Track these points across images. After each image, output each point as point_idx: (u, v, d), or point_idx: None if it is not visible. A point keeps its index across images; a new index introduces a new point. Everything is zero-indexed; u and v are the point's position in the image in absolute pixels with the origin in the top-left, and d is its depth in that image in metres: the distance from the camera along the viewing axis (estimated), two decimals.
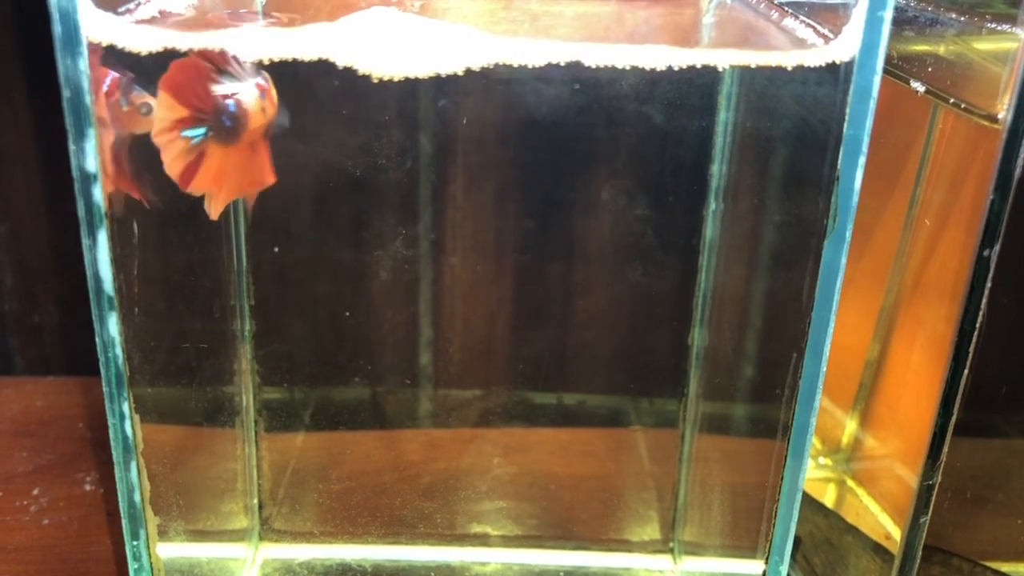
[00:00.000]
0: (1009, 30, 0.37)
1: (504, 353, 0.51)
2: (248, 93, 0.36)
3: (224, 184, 0.39)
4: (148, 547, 0.41)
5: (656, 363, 0.51)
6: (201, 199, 0.42)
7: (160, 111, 0.36)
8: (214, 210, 0.39)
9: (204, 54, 0.35)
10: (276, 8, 0.43)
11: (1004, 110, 0.37)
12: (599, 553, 0.52)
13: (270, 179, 0.39)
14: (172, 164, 0.37)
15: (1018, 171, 0.37)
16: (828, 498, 0.55)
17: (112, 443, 0.39)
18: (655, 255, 0.47)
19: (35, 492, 0.58)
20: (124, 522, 0.41)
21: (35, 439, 0.64)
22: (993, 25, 0.40)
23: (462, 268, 0.49)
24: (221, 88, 0.36)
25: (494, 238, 0.49)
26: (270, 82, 0.37)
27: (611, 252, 0.49)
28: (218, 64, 0.36)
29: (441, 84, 0.40)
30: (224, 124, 0.37)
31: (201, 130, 0.37)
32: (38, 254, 0.71)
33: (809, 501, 0.53)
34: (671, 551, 0.52)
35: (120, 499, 0.40)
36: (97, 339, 0.37)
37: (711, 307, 0.48)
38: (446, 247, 0.48)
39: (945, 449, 0.42)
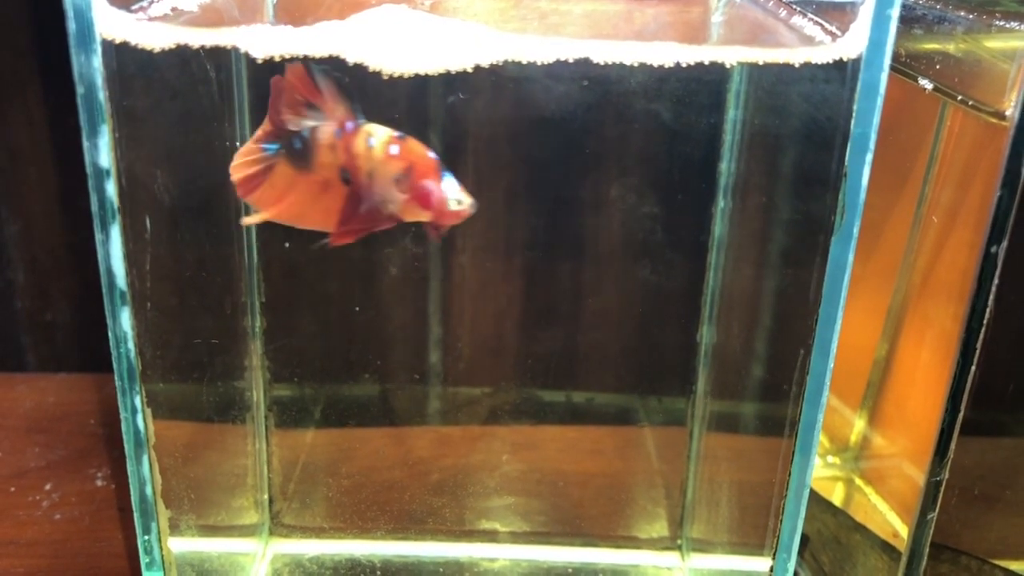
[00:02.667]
0: (1018, 27, 0.37)
1: (513, 350, 0.51)
2: (326, 128, 0.36)
3: (282, 206, 0.38)
4: (160, 541, 0.42)
5: (665, 360, 0.51)
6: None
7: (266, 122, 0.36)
8: (251, 220, 0.39)
9: (303, 79, 0.35)
10: (287, 6, 0.43)
11: (1012, 107, 0.37)
12: (607, 550, 0.52)
13: (330, 227, 0.38)
14: (237, 167, 0.37)
15: None
16: (836, 496, 0.55)
17: (124, 437, 0.39)
18: (664, 252, 0.48)
19: (47, 487, 0.59)
20: (136, 516, 0.41)
21: (47, 435, 0.64)
22: (1002, 23, 0.40)
23: (471, 265, 0.50)
24: (307, 112, 0.36)
25: (503, 235, 0.49)
26: (365, 134, 0.36)
27: (620, 249, 0.49)
28: (307, 90, 0.36)
29: (451, 81, 0.40)
30: (294, 146, 0.36)
31: (275, 146, 0.37)
32: (50, 252, 0.72)
33: (817, 499, 0.53)
34: (679, 548, 0.52)
35: (132, 493, 0.41)
36: (110, 334, 0.38)
37: (720, 304, 0.48)
38: (455, 244, 0.49)
39: (952, 446, 0.42)
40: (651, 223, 0.46)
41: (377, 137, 0.36)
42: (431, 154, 0.36)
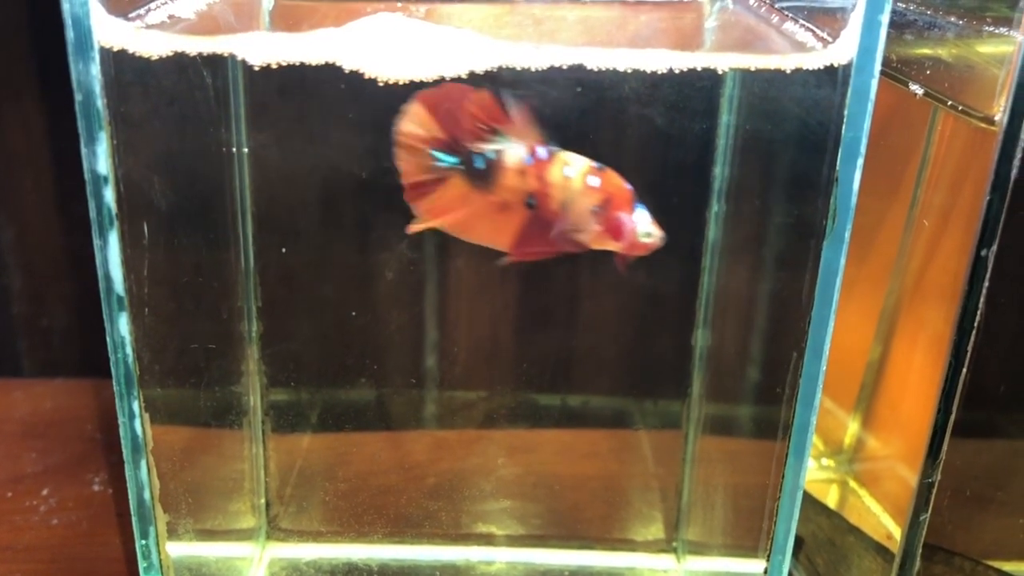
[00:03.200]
0: (1006, 33, 0.38)
1: (509, 354, 0.52)
2: (514, 151, 0.36)
3: (453, 220, 0.37)
4: (157, 545, 0.42)
5: (660, 364, 0.52)
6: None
7: (410, 122, 0.36)
8: (417, 227, 0.38)
9: (488, 106, 0.35)
10: (284, 14, 0.43)
11: (1000, 112, 0.37)
12: (603, 553, 0.52)
13: (506, 248, 0.38)
14: (408, 173, 0.37)
15: (1015, 172, 0.38)
16: (831, 499, 0.55)
17: (122, 442, 0.40)
18: (658, 256, 0.48)
19: (44, 492, 0.59)
20: (134, 520, 0.41)
21: (44, 440, 0.64)
22: (991, 28, 0.40)
23: (467, 270, 0.50)
24: (489, 133, 0.36)
25: None
26: (561, 162, 0.36)
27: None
28: (495, 112, 0.35)
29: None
30: (475, 165, 0.36)
31: (453, 159, 0.36)
32: (47, 257, 0.72)
33: (812, 502, 0.54)
34: (674, 550, 0.53)
35: (130, 497, 0.41)
36: (108, 339, 0.38)
37: (714, 308, 0.49)
38: (451, 249, 0.49)
39: (944, 447, 0.42)
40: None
41: (574, 167, 0.36)
42: (627, 185, 0.36)
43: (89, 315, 0.69)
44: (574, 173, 0.36)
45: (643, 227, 0.36)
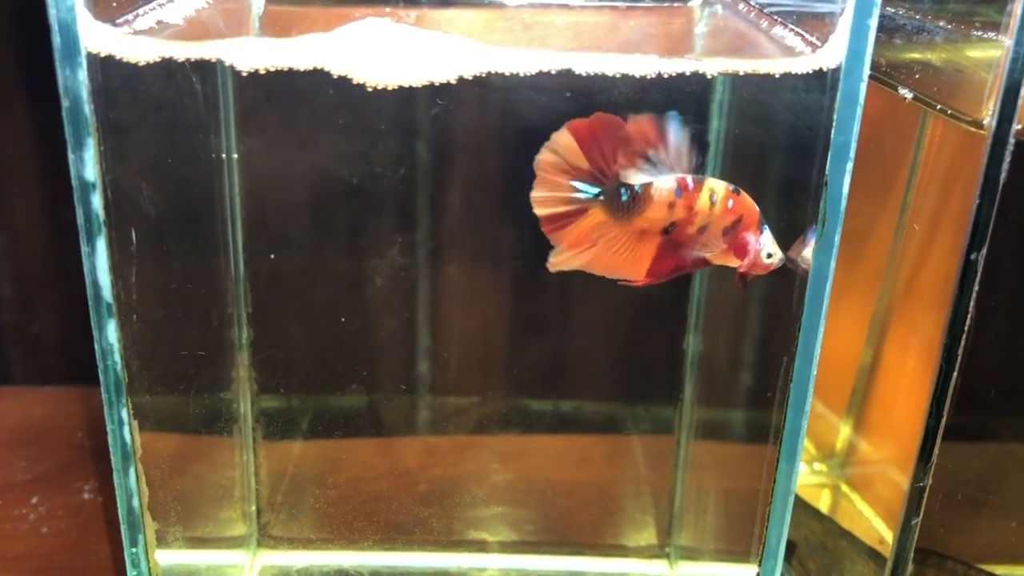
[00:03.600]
0: (995, 37, 0.38)
1: (500, 360, 0.52)
2: (665, 182, 0.35)
3: (586, 252, 0.37)
4: (147, 554, 0.42)
5: (652, 369, 0.52)
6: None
7: (555, 153, 0.35)
8: (556, 264, 0.37)
9: (649, 131, 0.34)
10: (273, 19, 0.43)
11: (989, 116, 0.37)
12: (596, 558, 0.52)
13: (638, 278, 0.37)
14: (542, 202, 0.36)
15: (1004, 176, 0.38)
16: (823, 503, 0.55)
17: (111, 449, 0.39)
18: None
19: (34, 501, 0.59)
20: (123, 528, 0.41)
21: (34, 448, 0.64)
22: (980, 32, 0.40)
23: (458, 275, 0.50)
24: (640, 163, 0.35)
25: (489, 245, 0.50)
26: (709, 190, 0.35)
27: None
28: (650, 141, 0.35)
29: (435, 92, 0.40)
30: (621, 198, 0.35)
31: (594, 190, 0.35)
32: (36, 264, 0.72)
33: (804, 506, 0.54)
34: (667, 556, 0.52)
35: (119, 505, 0.40)
36: (96, 346, 0.38)
37: (705, 312, 0.49)
38: (442, 254, 0.49)
39: (936, 451, 0.42)
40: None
41: (718, 193, 0.36)
42: (756, 207, 0.36)
43: (79, 322, 0.69)
44: (718, 199, 0.36)
45: (767, 248, 0.37)
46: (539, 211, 0.36)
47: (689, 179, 0.35)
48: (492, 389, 0.51)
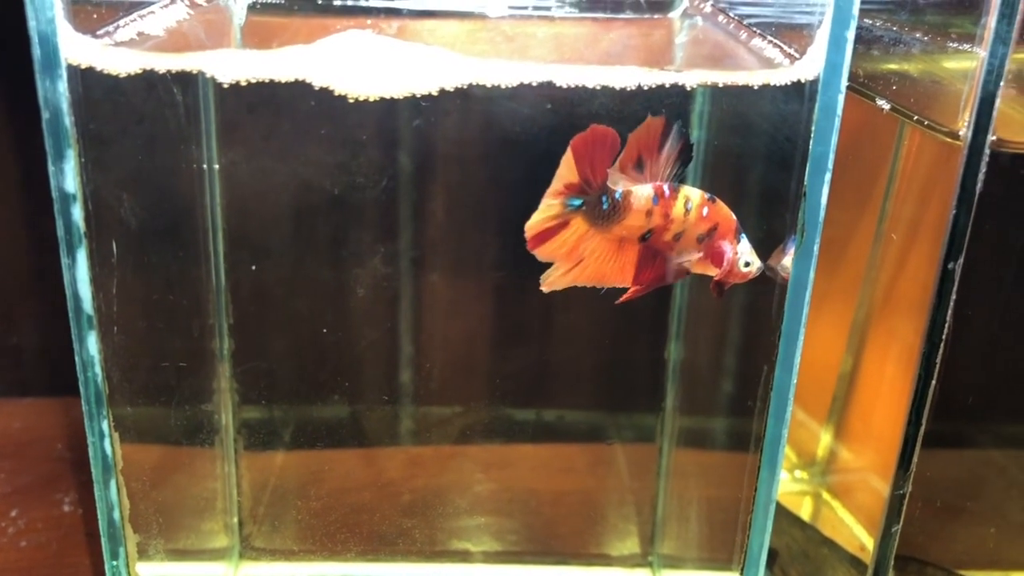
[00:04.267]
0: (970, 49, 0.38)
1: (483, 370, 0.52)
2: (642, 190, 0.35)
3: (572, 264, 0.37)
4: (127, 566, 0.41)
5: (634, 377, 0.52)
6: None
7: (561, 169, 0.35)
8: (549, 284, 0.37)
9: (641, 135, 0.34)
10: (254, 30, 0.43)
11: (965, 127, 0.38)
12: (579, 568, 0.52)
13: (624, 283, 0.38)
14: (533, 221, 0.36)
15: (980, 186, 0.38)
16: (804, 511, 0.55)
17: (92, 461, 0.39)
18: None
19: (13, 514, 0.58)
20: (103, 541, 0.41)
21: (13, 460, 0.63)
22: (955, 44, 0.41)
23: (440, 286, 0.50)
24: (620, 173, 0.35)
25: (471, 255, 0.50)
26: (684, 197, 0.36)
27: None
28: (641, 151, 0.35)
29: (416, 104, 0.40)
30: (601, 206, 0.35)
31: (577, 201, 0.36)
32: (15, 274, 0.71)
33: (785, 514, 0.54)
34: (650, 565, 0.53)
35: (99, 518, 0.40)
36: (76, 358, 0.37)
37: (687, 321, 0.49)
38: (424, 265, 0.49)
39: (915, 458, 0.43)
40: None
41: (693, 200, 0.36)
42: (733, 216, 0.36)
43: (59, 333, 0.68)
44: (693, 207, 0.36)
45: (744, 257, 0.37)
46: (527, 227, 0.36)
47: (666, 186, 0.36)
48: (475, 399, 0.51)
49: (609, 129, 0.35)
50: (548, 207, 0.36)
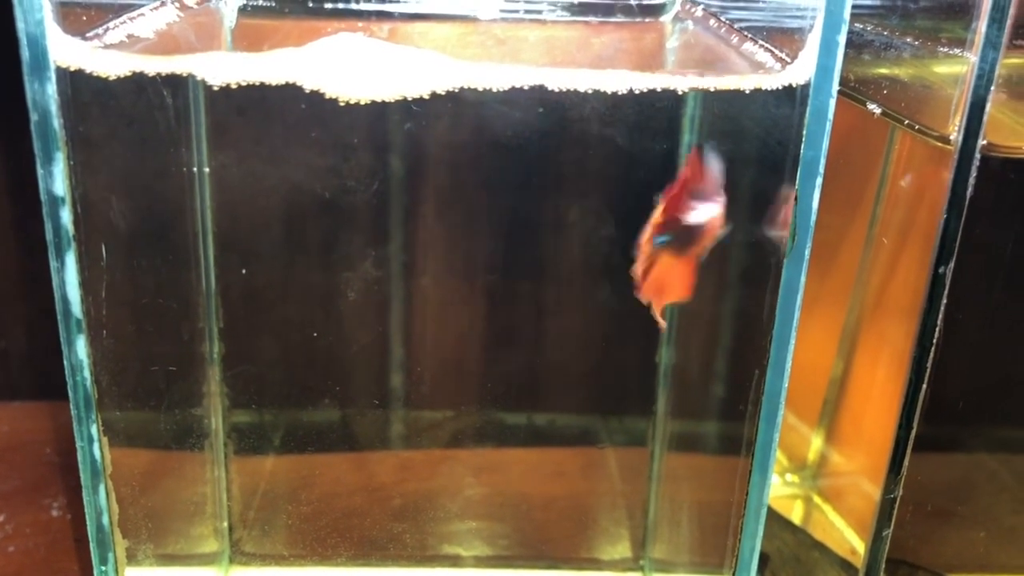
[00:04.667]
0: (960, 54, 0.38)
1: (474, 374, 0.52)
2: (716, 210, 0.36)
3: (663, 292, 0.39)
4: (117, 572, 0.41)
5: (625, 381, 0.52)
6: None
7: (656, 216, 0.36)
8: (659, 315, 0.39)
9: (694, 168, 0.35)
10: (245, 32, 0.43)
11: (956, 132, 0.38)
12: (570, 572, 0.52)
13: (688, 294, 0.39)
14: (638, 267, 0.38)
15: (970, 191, 0.38)
16: (795, 515, 0.55)
17: (80, 466, 0.39)
18: (622, 275, 0.48)
19: (1, 519, 0.58)
20: (92, 546, 0.40)
21: (1, 465, 0.63)
22: (946, 49, 0.41)
23: (431, 289, 0.50)
24: (697, 201, 0.36)
25: (462, 259, 0.50)
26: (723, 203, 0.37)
27: (579, 272, 0.49)
28: (698, 178, 0.36)
29: (408, 107, 0.40)
30: (690, 236, 0.37)
31: (665, 237, 0.37)
32: (3, 277, 0.71)
33: (776, 518, 0.54)
34: (641, 569, 0.53)
35: (88, 523, 0.40)
36: (65, 362, 0.37)
37: (678, 325, 0.49)
38: (415, 268, 0.49)
39: (906, 463, 0.43)
40: (609, 246, 0.47)
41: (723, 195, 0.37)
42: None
43: (47, 336, 0.68)
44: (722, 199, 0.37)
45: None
46: (636, 275, 0.38)
47: (721, 199, 0.37)
48: (466, 403, 0.51)
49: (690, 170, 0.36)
50: (644, 251, 0.37)
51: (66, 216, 0.35)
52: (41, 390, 0.73)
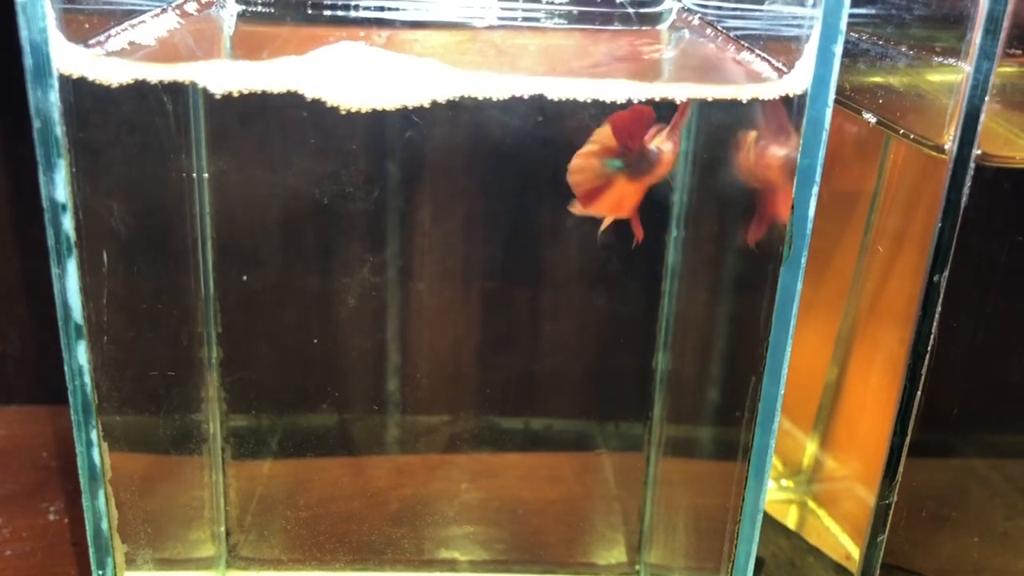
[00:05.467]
0: (955, 63, 0.39)
1: (471, 379, 0.52)
2: (668, 147, 0.40)
3: (616, 210, 0.42)
4: None
5: (622, 387, 0.52)
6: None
7: (597, 136, 0.39)
8: (636, 231, 0.43)
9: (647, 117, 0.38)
10: (244, 39, 0.43)
11: (950, 141, 0.38)
12: None
13: (633, 214, 0.43)
14: (581, 182, 0.40)
15: (965, 199, 0.39)
16: (790, 520, 0.55)
17: (80, 471, 0.39)
18: (619, 281, 0.48)
19: None
20: (91, 551, 0.40)
21: None
22: (941, 58, 0.41)
23: (428, 295, 0.50)
24: (652, 137, 0.39)
25: (460, 265, 0.50)
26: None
27: (576, 278, 0.49)
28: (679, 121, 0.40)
29: (408, 116, 0.41)
30: (640, 166, 0.40)
31: (618, 163, 0.40)
32: (3, 281, 0.71)
33: (772, 523, 0.54)
34: (637, 574, 0.53)
35: (87, 527, 0.40)
36: (65, 367, 0.37)
37: (674, 332, 0.49)
38: (413, 274, 0.49)
39: (901, 468, 0.43)
40: (606, 252, 0.47)
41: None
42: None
43: (45, 340, 0.68)
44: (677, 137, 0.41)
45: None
46: (576, 188, 0.41)
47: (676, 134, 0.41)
48: (462, 408, 0.51)
49: (646, 107, 0.38)
50: (587, 167, 0.40)
51: (67, 222, 0.35)
52: (38, 393, 0.73)
